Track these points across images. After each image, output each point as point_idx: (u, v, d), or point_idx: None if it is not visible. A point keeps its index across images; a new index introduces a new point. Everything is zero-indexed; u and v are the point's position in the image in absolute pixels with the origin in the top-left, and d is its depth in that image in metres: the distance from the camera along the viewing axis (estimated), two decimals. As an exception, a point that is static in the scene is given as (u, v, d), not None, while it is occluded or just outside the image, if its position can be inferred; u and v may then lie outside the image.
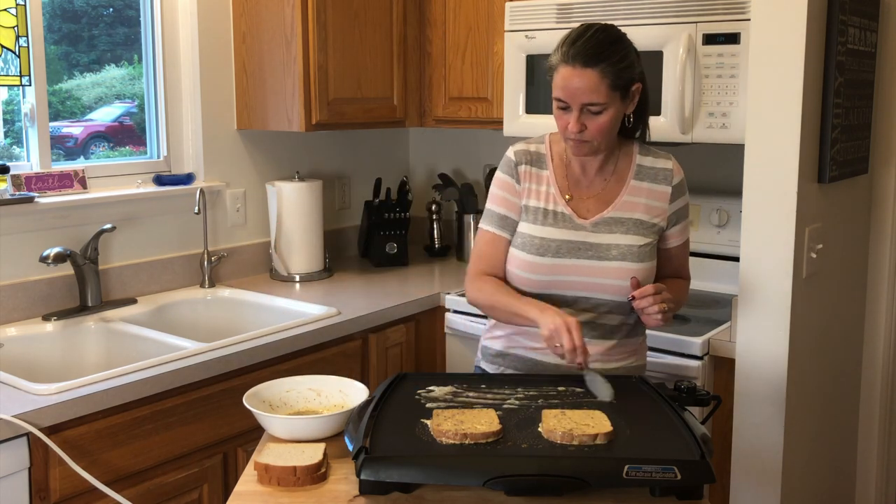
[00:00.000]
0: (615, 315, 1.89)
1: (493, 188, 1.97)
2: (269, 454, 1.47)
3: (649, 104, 1.94)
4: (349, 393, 1.71)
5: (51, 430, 1.83)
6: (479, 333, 2.66)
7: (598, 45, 1.77)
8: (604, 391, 1.66)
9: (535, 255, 1.86)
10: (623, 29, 2.57)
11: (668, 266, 1.98)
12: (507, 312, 1.86)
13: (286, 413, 1.67)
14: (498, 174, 1.96)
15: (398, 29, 3.05)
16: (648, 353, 2.35)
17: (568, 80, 1.76)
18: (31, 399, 1.86)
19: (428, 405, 1.58)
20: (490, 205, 1.96)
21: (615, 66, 1.77)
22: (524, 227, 1.90)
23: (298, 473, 1.43)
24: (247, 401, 1.63)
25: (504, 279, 1.93)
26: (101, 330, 2.46)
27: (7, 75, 2.48)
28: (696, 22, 2.46)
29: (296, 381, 1.75)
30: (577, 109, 1.78)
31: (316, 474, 1.44)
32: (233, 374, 2.21)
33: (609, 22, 2.58)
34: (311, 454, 1.48)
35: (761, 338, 2.23)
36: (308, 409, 1.70)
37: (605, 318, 1.89)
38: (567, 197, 1.90)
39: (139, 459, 2.01)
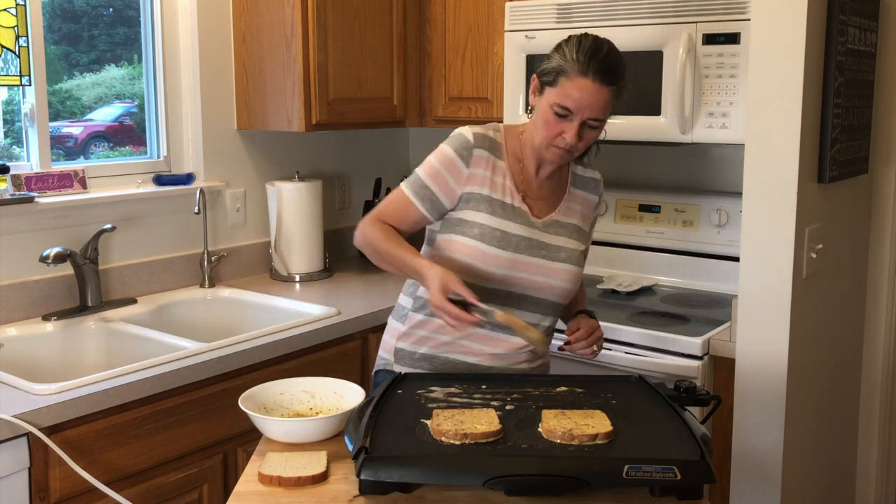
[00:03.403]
0: (549, 317, 1.92)
1: (432, 158, 1.87)
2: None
3: None
4: (344, 394, 1.71)
5: (51, 430, 1.83)
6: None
7: (617, 65, 1.77)
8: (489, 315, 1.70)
9: (496, 248, 1.82)
10: (623, 29, 2.60)
11: None
12: (392, 260, 1.81)
13: (280, 415, 1.67)
14: (445, 148, 1.87)
15: (398, 29, 3.05)
16: (648, 352, 2.37)
17: (583, 92, 1.74)
18: (31, 399, 1.86)
19: (428, 405, 1.58)
20: (421, 171, 1.87)
21: (622, 88, 1.80)
22: (481, 218, 1.83)
23: (303, 482, 1.43)
24: (242, 404, 1.62)
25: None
26: (101, 330, 2.46)
27: (7, 75, 2.48)
28: (696, 22, 2.46)
29: (290, 383, 1.74)
30: (579, 121, 1.77)
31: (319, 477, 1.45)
32: (233, 374, 2.21)
33: (609, 22, 2.61)
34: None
35: (761, 338, 2.23)
36: (302, 411, 1.70)
37: (543, 319, 1.90)
38: (521, 195, 1.88)
39: (139, 459, 2.02)
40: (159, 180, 2.81)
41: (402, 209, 1.88)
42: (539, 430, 1.46)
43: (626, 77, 1.80)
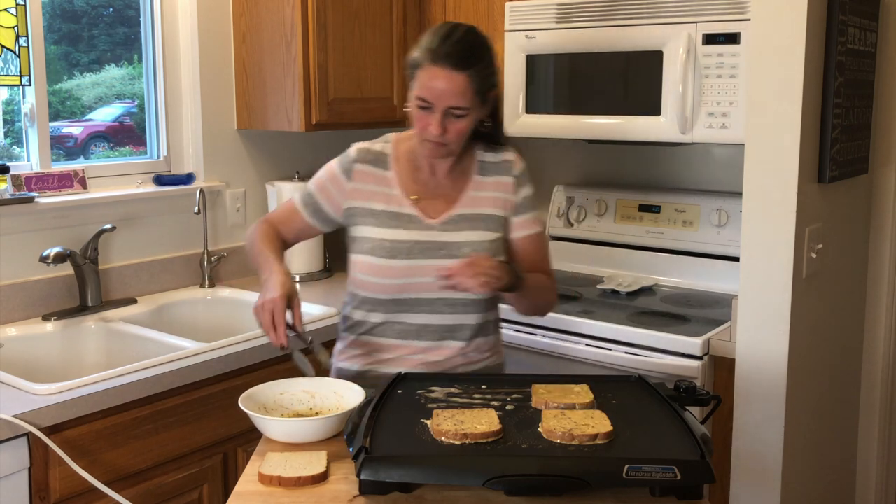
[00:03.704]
0: (473, 314, 1.88)
1: (321, 171, 1.94)
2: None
3: (502, 108, 1.90)
4: (344, 395, 1.71)
5: (51, 430, 1.84)
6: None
7: (468, 49, 1.73)
8: (308, 370, 1.75)
9: (387, 259, 1.82)
10: (623, 29, 2.60)
11: (519, 261, 1.91)
12: (255, 259, 1.90)
13: (280, 415, 1.66)
14: (332, 163, 1.93)
15: (398, 29, 3.05)
16: (648, 352, 2.37)
17: (435, 81, 1.72)
18: (31, 399, 1.86)
19: (428, 405, 1.58)
20: (310, 183, 1.95)
21: (482, 72, 1.75)
22: (371, 231, 1.85)
23: (303, 482, 1.43)
24: (242, 404, 1.62)
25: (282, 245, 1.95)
26: (101, 330, 2.46)
27: (7, 75, 2.48)
28: (696, 22, 2.46)
29: (290, 383, 1.74)
30: (440, 112, 1.74)
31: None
32: (233, 374, 2.21)
33: (609, 22, 2.61)
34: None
35: (761, 338, 2.23)
36: (302, 411, 1.70)
37: (464, 318, 1.87)
38: (414, 198, 1.87)
39: (139, 459, 2.02)
40: (159, 180, 2.82)
41: (289, 215, 1.97)
42: (539, 430, 1.46)
43: (488, 61, 1.77)
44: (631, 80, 2.64)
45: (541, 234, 1.96)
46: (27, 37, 2.49)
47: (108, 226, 2.56)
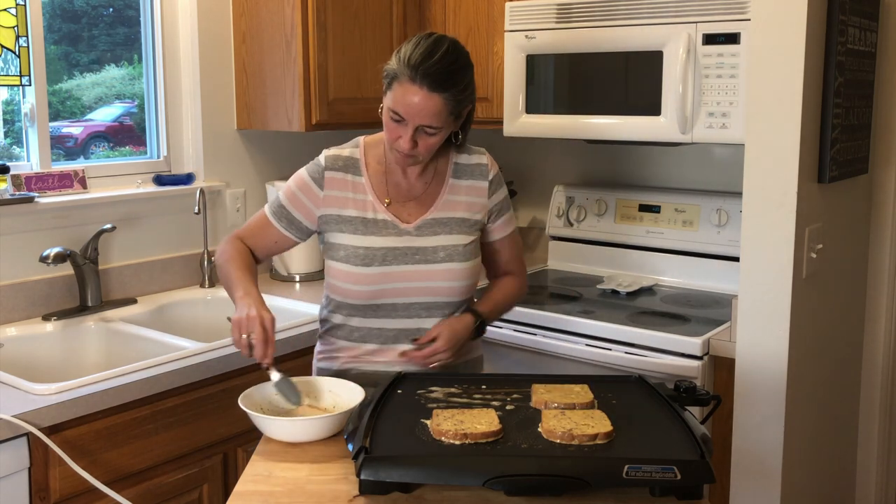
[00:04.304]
0: (450, 316, 1.88)
1: (290, 181, 1.91)
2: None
3: (472, 119, 1.89)
4: (343, 394, 1.71)
5: (51, 430, 1.84)
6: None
7: (447, 72, 1.72)
8: (293, 396, 1.68)
9: (361, 266, 1.82)
10: (623, 29, 2.60)
11: (496, 261, 2.00)
12: (226, 279, 1.83)
13: (276, 415, 1.66)
14: (301, 172, 1.90)
15: (398, 29, 3.05)
16: (648, 352, 2.37)
17: (411, 98, 1.71)
18: (31, 399, 1.86)
19: (428, 405, 1.58)
20: (280, 193, 1.91)
21: (458, 95, 1.74)
22: (345, 239, 1.84)
23: None
24: (242, 403, 1.62)
25: (255, 258, 1.90)
26: (101, 330, 2.46)
27: (7, 75, 2.48)
28: (696, 22, 2.46)
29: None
30: (412, 128, 1.74)
31: None
32: (233, 374, 2.21)
33: (609, 22, 2.61)
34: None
35: (761, 338, 2.23)
36: (297, 411, 1.69)
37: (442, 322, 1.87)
38: (386, 202, 1.86)
39: (139, 459, 2.02)
40: (159, 180, 2.82)
41: (262, 229, 1.92)
42: (539, 430, 1.46)
43: (466, 83, 1.76)
44: (631, 80, 2.64)
45: (515, 234, 2.02)
46: (27, 37, 2.49)
47: (108, 226, 2.56)
